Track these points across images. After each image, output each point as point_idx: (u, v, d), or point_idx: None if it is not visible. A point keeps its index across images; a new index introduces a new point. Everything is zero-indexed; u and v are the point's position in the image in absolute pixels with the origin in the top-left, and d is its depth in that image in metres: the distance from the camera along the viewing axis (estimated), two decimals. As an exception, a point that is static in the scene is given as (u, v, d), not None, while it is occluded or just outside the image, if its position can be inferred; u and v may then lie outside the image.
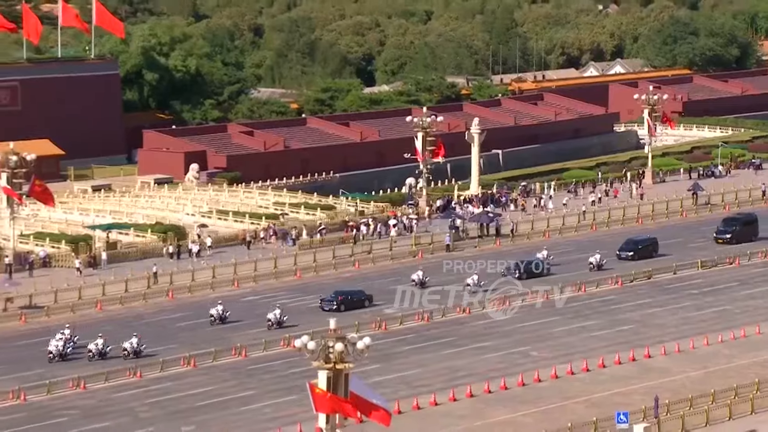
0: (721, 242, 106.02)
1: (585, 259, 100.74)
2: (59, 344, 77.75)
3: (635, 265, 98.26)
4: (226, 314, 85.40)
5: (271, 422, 67.65)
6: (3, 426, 68.34)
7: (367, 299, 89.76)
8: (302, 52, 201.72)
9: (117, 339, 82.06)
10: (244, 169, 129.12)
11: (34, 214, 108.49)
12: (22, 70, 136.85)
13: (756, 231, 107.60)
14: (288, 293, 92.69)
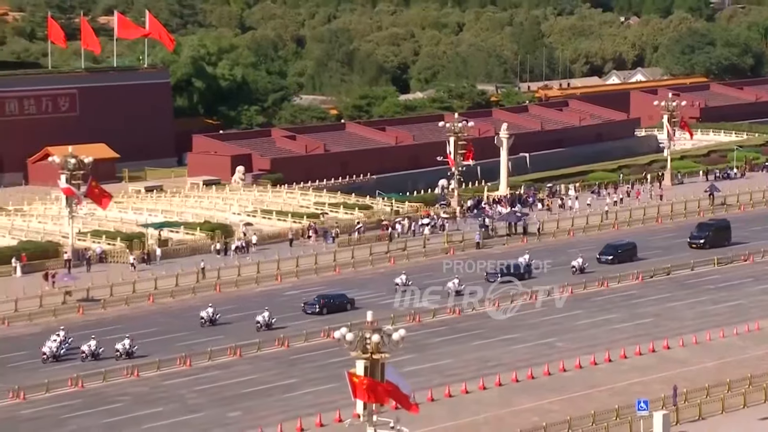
0: (695, 247, 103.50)
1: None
2: (53, 345, 76.25)
3: (616, 268, 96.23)
4: (216, 316, 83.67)
5: (311, 408, 67.74)
6: (63, 411, 68.73)
7: (349, 303, 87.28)
8: (341, 61, 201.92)
9: (169, 330, 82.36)
10: (286, 171, 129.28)
11: (91, 213, 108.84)
12: (81, 78, 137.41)
13: (729, 236, 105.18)
14: (327, 288, 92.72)
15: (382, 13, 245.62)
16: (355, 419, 55.17)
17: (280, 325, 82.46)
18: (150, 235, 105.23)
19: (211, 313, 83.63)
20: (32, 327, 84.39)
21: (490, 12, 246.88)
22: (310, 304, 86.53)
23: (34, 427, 66.45)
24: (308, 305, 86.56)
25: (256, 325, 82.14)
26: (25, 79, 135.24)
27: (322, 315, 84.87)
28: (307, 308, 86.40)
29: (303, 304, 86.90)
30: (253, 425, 65.44)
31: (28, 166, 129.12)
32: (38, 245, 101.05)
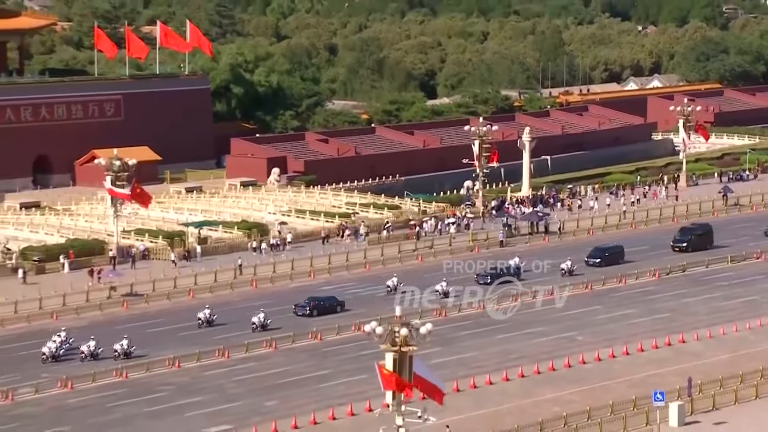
0: (678, 250, 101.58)
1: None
2: (53, 346, 74.89)
3: (602, 271, 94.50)
4: (213, 318, 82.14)
5: (343, 398, 67.85)
6: (108, 400, 69.05)
7: (339, 305, 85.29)
8: (372, 68, 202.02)
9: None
10: (319, 173, 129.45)
11: (135, 212, 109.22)
12: (125, 84, 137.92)
13: (711, 240, 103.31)
14: (358, 283, 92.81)
15: (410, 22, 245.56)
16: (385, 409, 55.26)
17: (275, 326, 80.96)
18: (190, 233, 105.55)
19: (207, 315, 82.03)
20: (79, 320, 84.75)
21: (514, 21, 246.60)
22: (301, 306, 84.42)
23: (81, 415, 66.78)
24: (299, 307, 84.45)
25: (251, 326, 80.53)
26: (73, 86, 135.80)
27: (312, 317, 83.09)
28: (298, 310, 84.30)
29: (294, 306, 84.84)
30: (288, 414, 65.61)
31: (76, 168, 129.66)
32: (85, 243, 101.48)
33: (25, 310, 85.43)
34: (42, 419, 66.09)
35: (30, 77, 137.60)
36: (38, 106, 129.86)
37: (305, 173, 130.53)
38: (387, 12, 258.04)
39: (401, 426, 54.94)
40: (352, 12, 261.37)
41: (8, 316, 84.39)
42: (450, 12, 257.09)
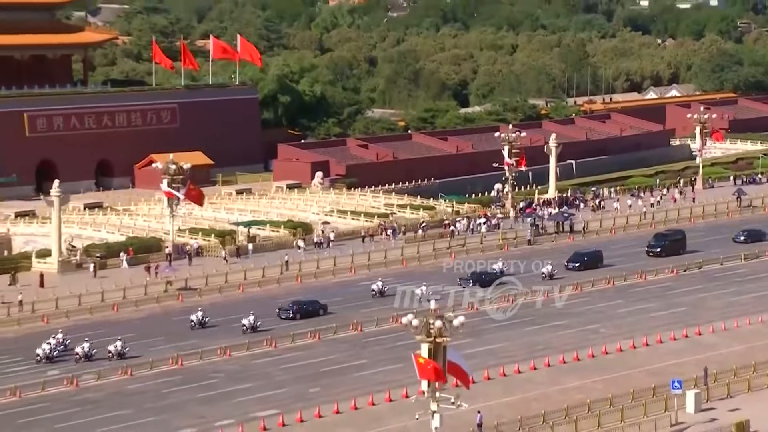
0: (652, 255, 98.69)
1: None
2: (47, 348, 72.72)
3: (582, 275, 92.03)
4: (205, 320, 79.99)
5: (381, 386, 67.84)
6: (165, 386, 69.30)
7: (321, 308, 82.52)
8: (408, 79, 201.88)
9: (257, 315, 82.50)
10: (359, 176, 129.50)
11: (189, 213, 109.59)
12: (180, 94, 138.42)
13: (684, 245, 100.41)
14: (395, 279, 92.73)
15: (444, 36, 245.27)
16: (420, 396, 55.25)
17: (265, 327, 78.65)
18: (240, 232, 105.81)
19: (200, 317, 79.90)
20: (138, 313, 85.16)
21: (541, 35, 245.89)
22: (285, 310, 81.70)
23: (139, 400, 67.06)
24: (282, 311, 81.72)
25: (242, 328, 78.34)
26: (133, 96, 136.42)
27: (295, 320, 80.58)
28: (282, 314, 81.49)
29: (278, 309, 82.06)
30: (330, 400, 65.67)
31: (135, 171, 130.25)
32: (143, 241, 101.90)
33: (88, 302, 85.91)
34: (103, 404, 66.40)
35: (93, 88, 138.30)
36: (101, 115, 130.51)
37: (346, 176, 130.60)
38: (423, 26, 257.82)
39: (436, 411, 54.92)
40: (391, 26, 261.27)
41: (73, 308, 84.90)
42: (481, 26, 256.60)
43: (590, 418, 62.72)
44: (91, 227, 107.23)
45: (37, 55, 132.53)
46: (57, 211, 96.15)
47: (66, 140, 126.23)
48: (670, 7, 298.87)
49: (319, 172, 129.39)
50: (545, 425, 61.64)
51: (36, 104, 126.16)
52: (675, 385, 64.10)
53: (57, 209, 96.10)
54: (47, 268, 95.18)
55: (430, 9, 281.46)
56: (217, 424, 62.59)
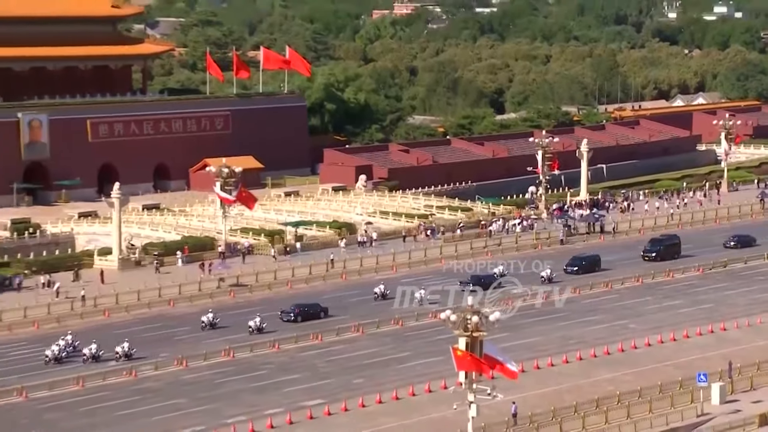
0: (648, 259, 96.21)
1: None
2: (55, 349, 71.25)
3: (580, 278, 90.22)
4: (216, 321, 78.68)
5: (421, 377, 67.83)
6: (218, 376, 69.58)
7: (322, 311, 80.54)
8: (447, 87, 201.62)
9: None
10: (401, 179, 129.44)
11: (240, 213, 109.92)
12: (233, 102, 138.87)
13: (678, 250, 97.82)
14: (434, 276, 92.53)
15: (482, 47, 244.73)
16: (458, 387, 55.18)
17: (269, 329, 77.03)
18: (288, 231, 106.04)
19: (211, 318, 78.70)
20: (192, 307, 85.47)
21: (573, 46, 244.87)
22: (287, 312, 79.73)
23: (194, 389, 67.37)
24: (284, 313, 79.73)
25: (248, 329, 76.82)
26: (188, 103, 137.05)
27: (296, 322, 78.64)
28: (284, 316, 79.48)
29: (280, 312, 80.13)
30: (373, 390, 65.75)
31: (190, 174, 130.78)
32: (197, 240, 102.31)
33: (146, 297, 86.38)
34: (161, 393, 66.76)
35: (151, 96, 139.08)
36: (158, 121, 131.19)
37: (388, 179, 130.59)
38: (461, 38, 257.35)
39: (473, 402, 54.83)
40: (431, 38, 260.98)
41: (132, 303, 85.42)
42: (517, 37, 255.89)
43: (620, 409, 62.50)
44: (149, 227, 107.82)
45: (100, 65, 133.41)
46: (117, 211, 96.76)
47: (126, 145, 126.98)
48: (696, 19, 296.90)
49: (362, 176, 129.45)
50: (577, 416, 61.44)
51: (98, 112, 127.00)
52: (701, 378, 63.75)
53: (117, 210, 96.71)
54: (108, 265, 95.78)
55: (468, 21, 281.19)
56: (266, 412, 62.77)
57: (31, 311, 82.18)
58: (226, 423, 61.29)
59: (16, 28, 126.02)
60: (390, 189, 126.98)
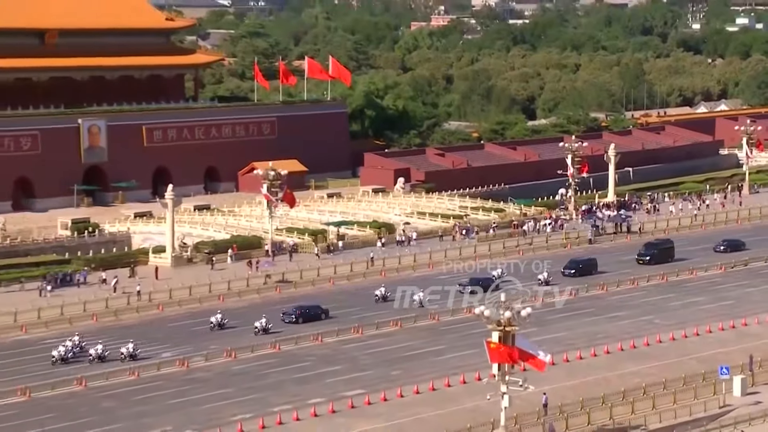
0: (642, 263, 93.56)
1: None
2: (62, 350, 69.77)
3: (577, 280, 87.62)
4: (224, 321, 77.09)
5: (456, 369, 67.72)
6: (264, 367, 69.73)
7: (323, 313, 78.81)
8: (482, 94, 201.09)
9: (343, 305, 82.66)
10: (437, 182, 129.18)
11: (286, 213, 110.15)
12: (279, 109, 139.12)
13: (672, 254, 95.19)
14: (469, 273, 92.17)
15: (514, 56, 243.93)
16: (491, 378, 55.02)
17: (274, 330, 75.65)
18: (331, 231, 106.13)
19: (219, 319, 77.24)
20: (241, 302, 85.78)
21: (601, 55, 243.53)
22: (288, 314, 78.09)
23: (241, 379, 67.59)
24: (286, 315, 78.05)
25: (254, 330, 75.41)
26: (237, 110, 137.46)
27: (297, 323, 77.08)
28: (285, 317, 77.78)
29: (282, 313, 78.48)
30: (410, 382, 65.68)
31: (239, 177, 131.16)
32: (245, 239, 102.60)
33: (198, 293, 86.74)
34: (210, 383, 67.01)
35: (202, 103, 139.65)
36: (209, 127, 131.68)
37: (425, 182, 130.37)
38: (495, 48, 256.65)
39: (505, 392, 54.68)
40: (466, 48, 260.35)
41: (184, 298, 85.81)
42: (548, 47, 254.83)
43: (646, 400, 62.14)
44: (200, 226, 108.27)
45: (154, 74, 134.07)
46: (170, 212, 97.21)
47: (178, 150, 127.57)
48: (719, 30, 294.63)
49: (401, 178, 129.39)
50: (605, 406, 61.14)
51: (153, 118, 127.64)
52: (723, 371, 63.28)
53: (171, 210, 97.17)
54: (162, 262, 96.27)
55: (501, 32, 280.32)
56: (310, 401, 62.87)
57: (90, 305, 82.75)
58: (272, 411, 61.41)
59: (77, 40, 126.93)
60: (427, 191, 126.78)
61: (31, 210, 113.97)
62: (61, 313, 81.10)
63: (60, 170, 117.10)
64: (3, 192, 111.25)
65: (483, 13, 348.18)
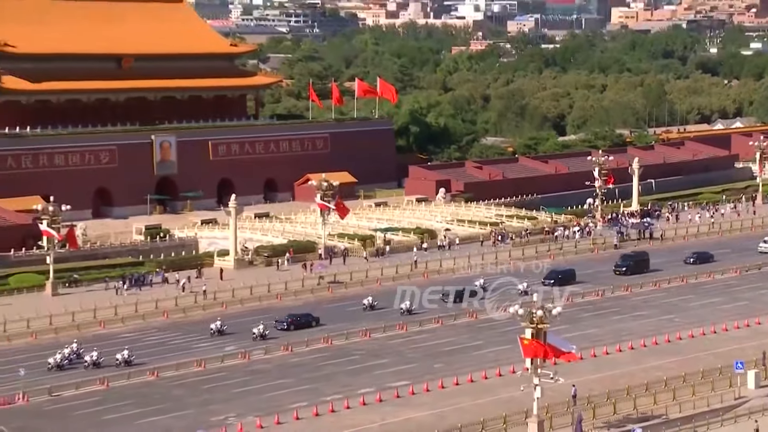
0: (619, 273, 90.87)
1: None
2: (58, 357, 67.22)
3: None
4: (223, 328, 75.08)
5: (493, 363, 67.62)
6: (318, 360, 69.89)
7: (314, 321, 76.65)
8: (516, 112, 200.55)
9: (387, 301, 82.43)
10: (475, 192, 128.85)
11: (337, 221, 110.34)
12: (331, 125, 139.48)
13: (647, 265, 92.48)
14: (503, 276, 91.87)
15: (546, 77, 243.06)
16: (525, 372, 54.92)
17: (271, 335, 73.85)
18: (378, 236, 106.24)
19: (219, 326, 75.29)
20: (296, 301, 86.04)
21: (626, 76, 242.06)
22: (280, 322, 75.91)
23: (298, 371, 67.87)
24: (278, 322, 75.80)
25: (252, 335, 73.50)
26: (294, 127, 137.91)
27: (289, 331, 74.76)
28: (278, 325, 75.51)
29: (275, 321, 76.07)
30: (451, 374, 65.66)
31: (295, 187, 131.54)
32: (301, 243, 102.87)
33: (257, 292, 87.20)
34: (270, 374, 67.37)
35: (263, 121, 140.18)
36: (268, 142, 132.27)
37: (464, 192, 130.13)
38: (528, 70, 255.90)
39: (538, 384, 54.56)
40: (502, 70, 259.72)
41: (246, 297, 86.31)
42: (577, 69, 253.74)
43: (666, 392, 61.71)
44: (260, 232, 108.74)
45: (219, 95, 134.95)
46: (233, 219, 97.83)
47: (241, 163, 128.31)
48: (735, 53, 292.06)
49: (442, 189, 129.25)
50: (629, 397, 60.81)
51: (218, 134, 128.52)
52: (738, 365, 62.75)
53: (233, 218, 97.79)
54: (226, 264, 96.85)
55: (534, 55, 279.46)
56: (359, 391, 63.03)
57: (161, 303, 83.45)
58: (325, 400, 61.64)
59: (150, 64, 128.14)
60: (465, 200, 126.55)
61: (109, 217, 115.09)
62: (136, 310, 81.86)
63: (135, 181, 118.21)
64: (84, 201, 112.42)
65: (517, 39, 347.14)
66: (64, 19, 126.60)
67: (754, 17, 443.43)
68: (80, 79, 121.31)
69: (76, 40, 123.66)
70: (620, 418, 58.84)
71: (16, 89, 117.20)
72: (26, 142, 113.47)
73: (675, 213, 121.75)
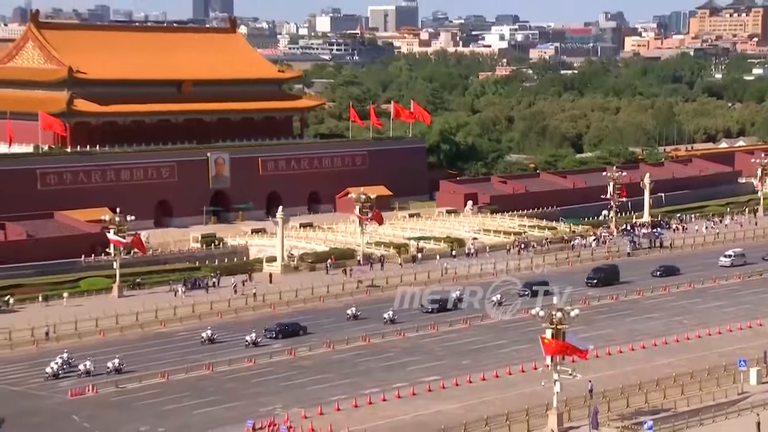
0: (590, 285, 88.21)
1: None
2: (54, 366, 64.72)
3: (531, 301, 78.38)
4: (214, 336, 72.59)
5: (515, 360, 67.32)
6: (357, 357, 69.84)
7: (301, 329, 74.11)
8: (537, 132, 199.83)
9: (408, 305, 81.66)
10: (500, 204, 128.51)
11: (374, 230, 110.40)
12: (369, 144, 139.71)
13: (618, 277, 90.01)
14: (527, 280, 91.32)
15: (565, 100, 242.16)
16: (546, 368, 54.60)
17: (265, 343, 71.54)
18: (411, 244, 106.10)
19: (210, 334, 72.73)
20: (337, 303, 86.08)
21: (638, 100, 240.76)
22: (269, 330, 73.48)
23: (338, 366, 67.89)
24: (267, 331, 73.37)
25: (244, 342, 71.20)
26: (335, 145, 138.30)
27: (278, 339, 72.16)
28: (267, 333, 73.06)
29: (264, 330, 73.46)
30: (478, 370, 65.40)
31: (336, 200, 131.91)
32: (341, 251, 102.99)
33: (302, 295, 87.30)
34: (312, 369, 67.42)
35: (307, 139, 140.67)
36: (312, 159, 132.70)
37: (490, 204, 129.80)
38: (549, 93, 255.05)
39: (557, 380, 54.25)
40: (524, 94, 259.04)
41: (292, 299, 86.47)
42: (593, 93, 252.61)
43: (675, 387, 61.14)
44: (305, 240, 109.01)
45: (268, 116, 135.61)
46: (281, 228, 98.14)
47: (287, 177, 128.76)
48: (738, 79, 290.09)
49: (470, 201, 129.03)
50: (641, 392, 60.31)
51: (267, 152, 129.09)
52: (741, 363, 62.06)
53: (281, 227, 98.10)
54: (274, 269, 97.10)
55: (554, 80, 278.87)
56: (394, 386, 62.94)
57: (215, 305, 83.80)
58: (363, 394, 61.59)
59: (207, 89, 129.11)
60: (491, 212, 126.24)
61: (169, 227, 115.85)
62: (193, 310, 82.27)
63: (192, 194, 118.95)
64: (147, 212, 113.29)
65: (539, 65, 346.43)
66: (130, 49, 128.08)
67: (756, 45, 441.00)
68: (144, 102, 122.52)
69: (140, 67, 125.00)
70: (633, 411, 58.35)
71: (87, 111, 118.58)
72: (95, 159, 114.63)
73: (683, 224, 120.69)
